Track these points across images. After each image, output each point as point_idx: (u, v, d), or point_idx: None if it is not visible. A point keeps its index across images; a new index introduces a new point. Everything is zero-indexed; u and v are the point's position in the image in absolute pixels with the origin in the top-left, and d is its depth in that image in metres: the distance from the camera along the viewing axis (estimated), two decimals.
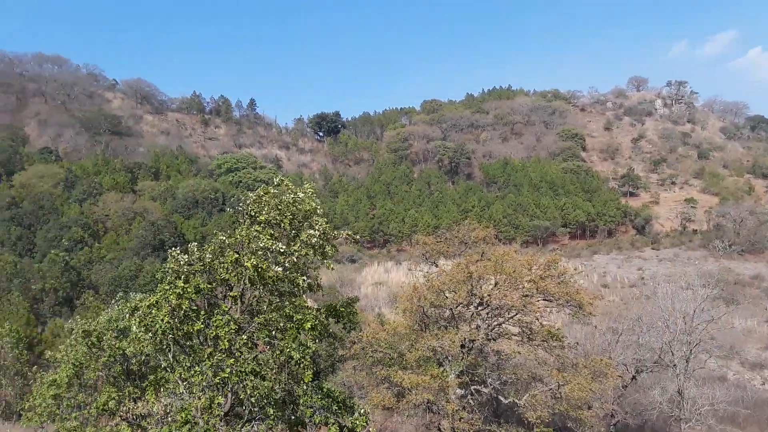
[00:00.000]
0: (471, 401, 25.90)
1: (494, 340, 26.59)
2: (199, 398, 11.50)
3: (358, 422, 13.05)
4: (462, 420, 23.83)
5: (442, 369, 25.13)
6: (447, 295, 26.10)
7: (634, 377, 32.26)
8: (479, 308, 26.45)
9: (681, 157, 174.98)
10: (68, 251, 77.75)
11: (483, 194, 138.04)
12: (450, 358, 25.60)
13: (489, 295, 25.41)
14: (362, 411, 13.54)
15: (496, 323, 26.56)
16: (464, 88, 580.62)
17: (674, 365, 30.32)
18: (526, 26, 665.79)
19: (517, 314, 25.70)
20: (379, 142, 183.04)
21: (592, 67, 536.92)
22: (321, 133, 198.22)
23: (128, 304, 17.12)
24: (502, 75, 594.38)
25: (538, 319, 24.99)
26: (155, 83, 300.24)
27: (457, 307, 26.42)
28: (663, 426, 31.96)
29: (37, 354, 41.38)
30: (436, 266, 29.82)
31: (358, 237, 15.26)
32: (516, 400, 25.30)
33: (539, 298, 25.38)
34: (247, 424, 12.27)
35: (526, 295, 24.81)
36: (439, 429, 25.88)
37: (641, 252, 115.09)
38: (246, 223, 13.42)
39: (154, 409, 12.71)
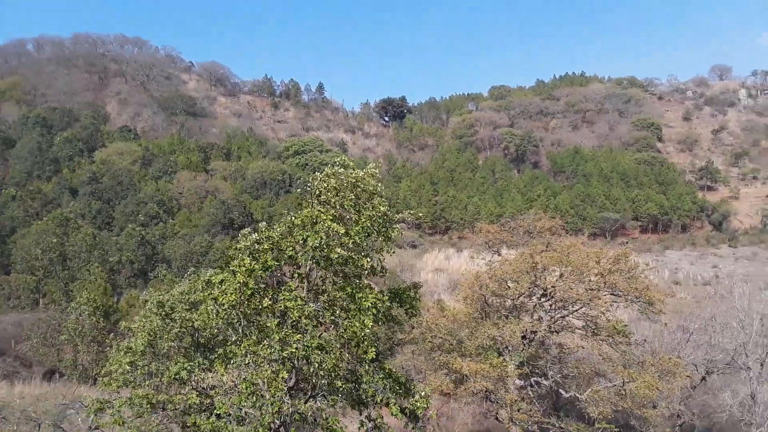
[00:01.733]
0: (530, 393, 25.60)
1: (557, 332, 26.10)
2: (266, 371, 11.88)
3: (419, 404, 13.17)
4: (521, 411, 23.61)
5: (501, 359, 24.94)
6: (509, 284, 25.79)
7: (703, 378, 30.95)
8: (542, 300, 26.00)
9: (765, 150, 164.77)
10: (144, 226, 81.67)
11: (550, 183, 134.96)
12: (510, 348, 25.36)
13: (553, 287, 24.92)
14: (423, 393, 13.65)
15: (559, 315, 26.04)
16: (534, 74, 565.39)
17: (748, 368, 28.83)
18: (602, 11, 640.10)
19: (582, 308, 25.09)
20: (445, 128, 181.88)
21: (673, 53, 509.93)
22: (386, 118, 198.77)
23: (200, 279, 17.82)
24: (575, 61, 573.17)
25: (603, 314, 24.31)
26: (229, 66, 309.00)
27: (519, 297, 26.07)
28: (732, 430, 30.59)
29: (113, 322, 43.81)
30: (499, 255, 29.47)
31: (421, 215, 15.33)
32: (577, 395, 24.81)
33: (606, 293, 24.68)
34: (311, 399, 12.61)
35: (593, 289, 24.17)
36: (497, 418, 25.77)
37: (717, 249, 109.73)
38: (312, 204, 13.68)
39: (223, 381, 13.25)
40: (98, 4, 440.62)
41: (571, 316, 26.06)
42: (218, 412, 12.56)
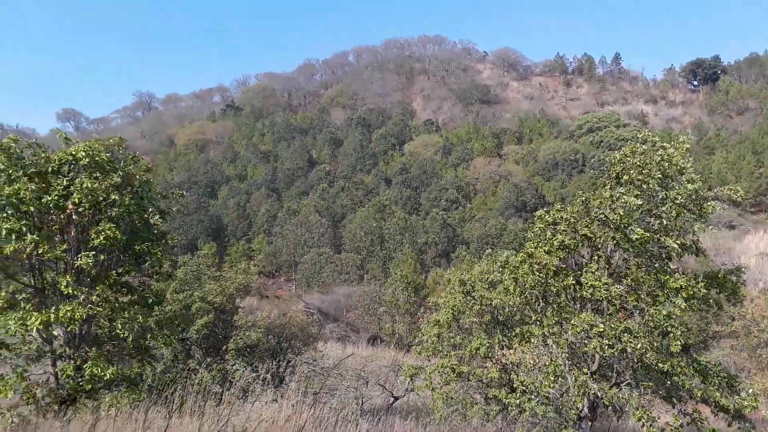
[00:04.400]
0: None
1: None
2: (568, 353, 11.95)
3: (746, 403, 11.65)
4: None
5: None
6: None
7: None
8: None
9: None
10: (445, 210, 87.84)
11: None
12: None
13: None
14: (750, 391, 12.05)
15: None
16: None
17: None
18: None
19: None
20: None
21: None
22: (695, 83, 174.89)
23: (497, 260, 18.68)
24: None
25: None
26: (520, 50, 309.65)
27: None
28: None
29: (422, 297, 48.37)
30: None
31: (741, 192, 13.19)
32: None
33: None
34: (614, 387, 12.19)
35: None
36: None
37: None
38: (610, 184, 13.16)
39: (524, 359, 13.77)
40: (404, 9, 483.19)
41: None
42: (518, 389, 13.07)
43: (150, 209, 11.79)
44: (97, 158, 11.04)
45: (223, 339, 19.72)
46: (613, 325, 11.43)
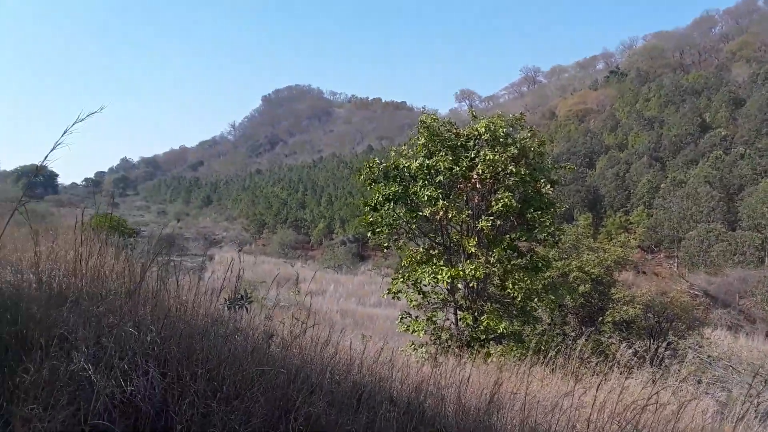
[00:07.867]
0: None
1: None
2: None
3: None
4: None
5: None
6: None
7: None
8: None
9: None
10: None
11: None
12: None
13: None
14: None
15: None
16: None
17: None
18: None
19: None
20: None
21: None
22: None
23: None
24: None
25: None
26: None
27: None
28: None
29: None
30: None
31: None
32: None
33: None
34: None
35: None
36: None
37: None
38: None
39: None
40: None
41: None
42: None
43: (542, 179, 12.58)
44: (496, 133, 12.29)
45: (598, 310, 19.73)
46: None
